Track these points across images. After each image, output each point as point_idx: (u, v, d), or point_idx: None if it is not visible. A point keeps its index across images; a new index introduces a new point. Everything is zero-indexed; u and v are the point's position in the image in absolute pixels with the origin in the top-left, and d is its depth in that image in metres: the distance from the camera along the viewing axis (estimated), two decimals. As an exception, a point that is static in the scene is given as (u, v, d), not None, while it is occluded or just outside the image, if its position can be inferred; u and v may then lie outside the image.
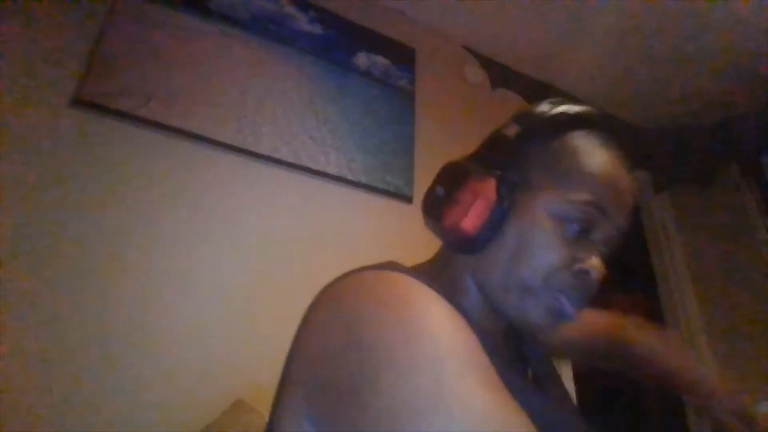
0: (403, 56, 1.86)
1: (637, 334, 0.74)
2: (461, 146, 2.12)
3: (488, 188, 0.49)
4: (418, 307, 0.38)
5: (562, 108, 0.53)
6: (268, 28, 1.59)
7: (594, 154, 0.50)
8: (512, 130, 0.52)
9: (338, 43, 1.72)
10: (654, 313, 2.51)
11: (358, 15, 1.82)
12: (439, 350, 0.35)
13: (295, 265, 1.35)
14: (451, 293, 0.46)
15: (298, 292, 1.31)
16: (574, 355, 0.85)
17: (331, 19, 1.74)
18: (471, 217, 0.49)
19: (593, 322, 0.78)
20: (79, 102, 1.22)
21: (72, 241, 1.11)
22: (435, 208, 0.54)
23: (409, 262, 0.73)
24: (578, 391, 1.73)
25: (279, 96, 1.52)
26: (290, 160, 1.45)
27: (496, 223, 0.49)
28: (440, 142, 1.83)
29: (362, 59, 1.75)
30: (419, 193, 1.66)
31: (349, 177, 1.53)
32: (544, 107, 0.53)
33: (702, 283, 2.32)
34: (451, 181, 0.53)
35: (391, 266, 0.48)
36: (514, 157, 0.52)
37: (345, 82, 1.68)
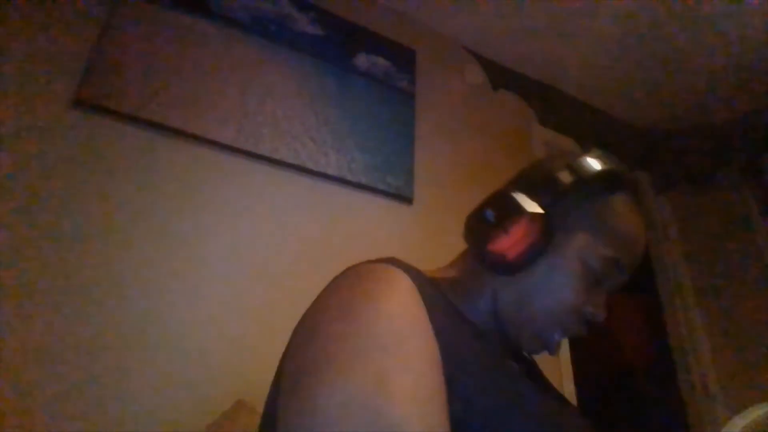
0: (403, 57, 1.86)
1: None
2: (461, 147, 2.12)
3: (537, 226, 0.54)
4: (373, 301, 0.42)
5: (612, 168, 0.58)
6: (268, 29, 1.59)
7: (627, 218, 0.58)
8: (567, 177, 0.57)
9: (339, 44, 1.72)
10: (654, 313, 2.51)
11: (359, 16, 1.82)
12: (369, 342, 0.38)
13: (296, 265, 1.35)
14: (461, 296, 0.56)
15: (298, 291, 1.31)
16: None
17: (332, 20, 1.75)
18: (518, 248, 0.54)
19: None
20: (79, 103, 1.22)
21: (73, 242, 1.12)
22: (482, 230, 0.57)
23: (409, 263, 0.73)
24: (578, 392, 1.73)
25: (279, 97, 1.52)
26: (290, 160, 1.45)
27: (534, 256, 0.54)
28: (440, 143, 1.83)
29: (362, 60, 1.75)
30: (419, 194, 1.66)
31: (350, 178, 1.53)
32: (595, 163, 0.58)
33: (702, 283, 2.32)
34: (504, 210, 0.57)
35: (389, 261, 0.51)
36: (564, 201, 0.56)
37: (345, 83, 1.68)
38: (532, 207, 0.55)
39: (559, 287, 0.54)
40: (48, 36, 1.26)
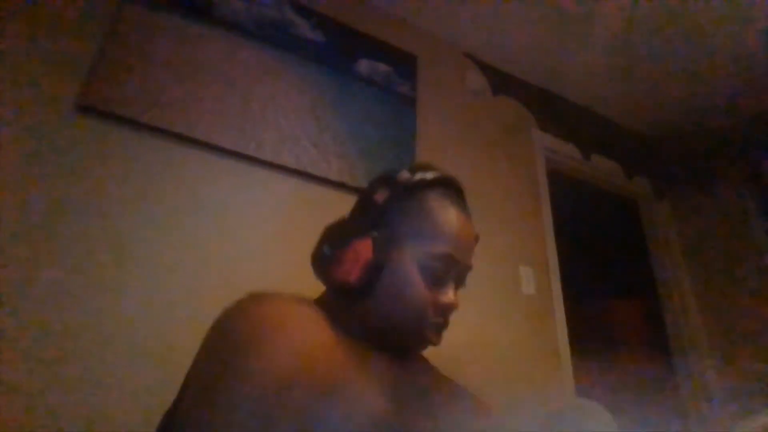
0: (404, 63, 1.87)
1: None
2: (462, 152, 2.12)
3: (366, 248, 0.60)
4: (261, 333, 0.50)
5: (420, 174, 0.65)
6: (270, 35, 1.60)
7: (445, 212, 0.63)
8: (381, 196, 0.65)
9: (340, 50, 1.73)
10: (654, 314, 2.51)
11: (360, 22, 1.83)
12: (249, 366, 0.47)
13: (297, 270, 1.35)
14: (339, 317, 0.60)
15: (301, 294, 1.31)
16: None
17: (333, 25, 1.75)
18: (355, 273, 0.60)
19: None
20: (82, 108, 1.23)
21: (75, 245, 1.12)
22: (323, 265, 0.64)
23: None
24: (577, 394, 1.73)
25: (281, 102, 1.53)
26: (292, 166, 1.46)
27: (374, 276, 0.60)
28: (441, 148, 1.84)
29: (364, 66, 1.76)
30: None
31: (351, 183, 1.54)
32: (405, 174, 0.65)
33: (702, 288, 2.32)
34: (337, 242, 0.63)
35: (273, 293, 0.59)
36: (385, 218, 0.63)
37: (347, 88, 1.69)
38: (359, 233, 0.62)
39: (407, 294, 0.60)
40: (51, 40, 1.26)
